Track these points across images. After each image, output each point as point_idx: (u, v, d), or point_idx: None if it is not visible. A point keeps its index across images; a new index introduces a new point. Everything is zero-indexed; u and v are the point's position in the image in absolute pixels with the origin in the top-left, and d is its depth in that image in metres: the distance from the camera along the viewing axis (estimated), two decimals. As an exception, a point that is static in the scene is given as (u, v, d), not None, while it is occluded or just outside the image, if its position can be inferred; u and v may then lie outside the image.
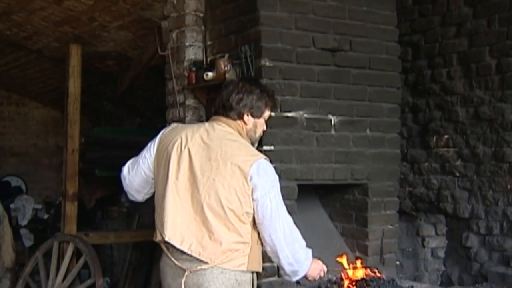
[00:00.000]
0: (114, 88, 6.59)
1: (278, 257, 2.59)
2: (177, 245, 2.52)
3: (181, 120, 4.23)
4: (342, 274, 3.48)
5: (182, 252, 2.52)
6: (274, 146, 3.71)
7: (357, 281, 3.44)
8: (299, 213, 3.89)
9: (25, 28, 5.59)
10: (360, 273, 3.46)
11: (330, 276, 3.85)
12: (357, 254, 4.10)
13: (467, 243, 4.55)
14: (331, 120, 3.91)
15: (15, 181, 8.46)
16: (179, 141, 2.58)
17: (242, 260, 2.52)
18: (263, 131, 2.71)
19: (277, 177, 2.58)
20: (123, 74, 6.17)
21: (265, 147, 3.67)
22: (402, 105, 4.37)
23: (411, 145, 4.86)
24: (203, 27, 4.19)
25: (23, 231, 6.91)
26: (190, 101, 4.20)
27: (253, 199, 2.50)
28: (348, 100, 3.97)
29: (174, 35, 4.26)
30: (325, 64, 3.89)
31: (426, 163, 4.75)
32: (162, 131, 2.73)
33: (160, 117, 4.80)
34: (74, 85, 5.38)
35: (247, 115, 2.61)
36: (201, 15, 4.18)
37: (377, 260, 4.09)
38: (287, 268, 2.62)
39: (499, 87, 4.27)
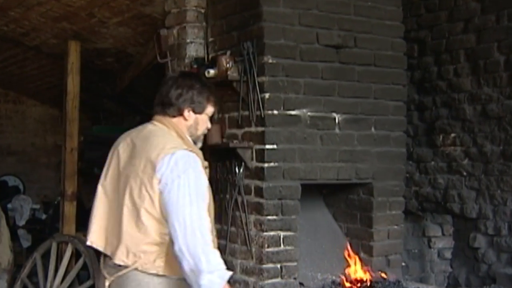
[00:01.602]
0: (113, 86, 6.61)
1: (178, 259, 2.28)
2: (101, 249, 2.47)
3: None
4: (345, 276, 3.51)
5: (109, 257, 2.45)
6: (277, 145, 3.72)
7: (362, 282, 3.45)
8: (303, 213, 3.91)
9: (22, 24, 5.61)
10: (363, 275, 3.48)
11: (333, 277, 3.87)
12: (362, 255, 4.12)
13: (475, 244, 4.55)
14: (335, 118, 3.92)
15: (12, 181, 8.49)
16: (115, 146, 2.56)
17: (158, 263, 2.35)
18: (207, 129, 2.60)
19: (193, 170, 2.33)
20: (122, 72, 6.19)
21: (267, 146, 3.69)
22: (408, 102, 4.38)
23: (417, 144, 4.87)
24: (204, 23, 4.20)
25: (20, 232, 6.94)
26: (191, 99, 4.21)
27: (160, 192, 2.32)
28: (353, 97, 3.98)
29: (175, 31, 4.28)
30: (329, 61, 3.90)
31: (433, 162, 4.76)
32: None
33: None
34: (72, 83, 5.41)
35: (188, 111, 2.50)
36: (203, 10, 4.20)
37: (382, 262, 4.10)
38: (190, 276, 2.27)
39: (508, 84, 4.28)
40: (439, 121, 4.72)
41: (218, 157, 4.05)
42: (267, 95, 3.69)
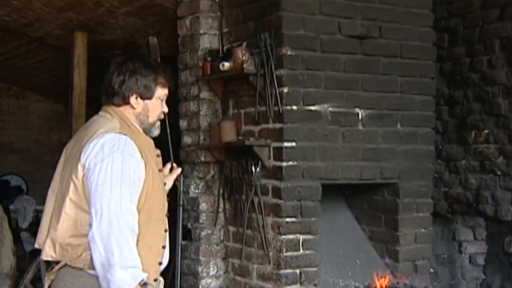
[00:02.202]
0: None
1: (90, 250, 2.21)
2: (40, 247, 2.38)
3: (195, 115, 4.31)
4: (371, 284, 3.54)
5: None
6: (296, 142, 3.76)
7: (387, 289, 3.48)
8: (323, 215, 3.94)
9: (25, 14, 5.69)
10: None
11: (356, 284, 3.90)
12: (387, 260, 4.14)
13: (510, 249, 4.55)
14: (358, 114, 3.95)
15: (14, 180, 8.59)
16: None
17: (85, 256, 2.26)
18: (164, 113, 2.51)
19: (120, 153, 2.26)
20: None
21: (286, 144, 3.73)
22: (437, 97, 4.39)
23: (447, 141, 4.87)
24: (219, 13, 4.24)
25: (23, 235, 7.02)
26: (205, 94, 4.26)
27: (84, 177, 2.27)
28: (377, 92, 4.00)
29: (187, 21, 4.33)
30: (352, 53, 3.92)
31: (464, 161, 4.76)
32: None
33: (172, 111, 4.86)
34: (79, 77, 5.50)
35: (135, 98, 2.42)
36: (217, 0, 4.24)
37: (409, 267, 4.12)
38: (99, 270, 2.20)
39: (546, 76, 4.27)
40: (471, 117, 4.71)
41: (233, 155, 4.10)
42: (285, 90, 3.73)
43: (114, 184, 2.23)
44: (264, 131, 3.87)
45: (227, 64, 3.94)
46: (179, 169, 2.76)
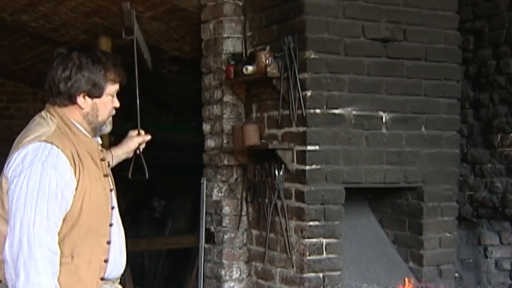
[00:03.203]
0: (146, 84, 6.73)
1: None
2: None
3: (219, 118, 4.33)
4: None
5: None
6: (319, 146, 3.75)
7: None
8: (347, 219, 3.94)
9: (52, 19, 5.77)
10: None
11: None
12: (411, 264, 4.12)
13: (537, 254, 4.50)
14: (382, 117, 3.93)
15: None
16: None
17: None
18: (115, 108, 2.31)
19: (41, 164, 2.07)
20: (155, 69, 6.30)
21: (309, 147, 3.73)
22: (462, 100, 4.35)
23: (472, 144, 4.83)
24: (242, 17, 4.26)
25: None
26: (228, 98, 4.28)
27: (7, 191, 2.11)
28: (402, 95, 3.98)
29: (211, 25, 4.36)
30: (376, 56, 3.91)
31: (489, 164, 4.71)
32: None
33: (195, 115, 4.90)
34: (103, 81, 5.53)
35: (83, 97, 2.18)
36: (241, 3, 4.26)
37: (434, 272, 4.09)
38: (8, 283, 2.08)
39: None
40: (496, 120, 4.66)
41: (256, 159, 4.11)
42: (309, 93, 3.73)
43: (28, 200, 2.04)
44: (288, 134, 3.87)
45: (250, 68, 3.95)
46: (148, 136, 2.64)
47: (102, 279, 2.23)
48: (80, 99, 2.20)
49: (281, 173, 3.87)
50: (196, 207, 4.78)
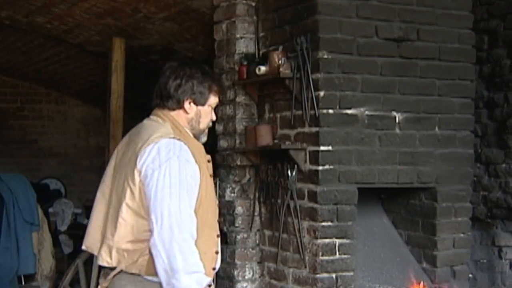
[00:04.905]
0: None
1: (153, 257, 2.23)
2: (95, 253, 2.42)
3: (231, 118, 4.33)
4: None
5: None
6: (332, 146, 3.74)
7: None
8: (359, 219, 3.92)
9: (66, 21, 5.81)
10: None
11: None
12: (424, 265, 4.10)
13: (551, 255, 4.46)
14: (395, 118, 3.91)
15: (54, 184, 8.74)
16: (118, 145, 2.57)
17: (141, 262, 2.28)
18: (212, 121, 2.54)
19: (177, 158, 2.26)
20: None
21: (322, 148, 3.72)
22: (476, 99, 4.33)
23: (486, 145, 4.79)
24: (255, 17, 4.27)
25: (62, 237, 7.13)
26: (241, 98, 4.28)
27: (142, 184, 2.27)
28: (415, 95, 3.96)
29: (224, 26, 4.36)
30: (389, 56, 3.90)
31: (504, 164, 4.68)
32: None
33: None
34: (117, 81, 5.57)
35: (189, 103, 2.43)
36: (253, 4, 4.26)
37: (447, 273, 4.07)
38: (162, 277, 2.21)
39: None
40: (511, 119, 4.63)
41: (269, 159, 4.11)
42: (321, 93, 3.73)
43: (173, 189, 2.23)
44: (300, 135, 3.86)
45: (263, 68, 3.95)
46: None
47: (213, 269, 2.43)
48: (186, 104, 2.43)
49: (293, 173, 3.87)
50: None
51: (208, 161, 2.45)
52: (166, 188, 2.23)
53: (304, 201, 3.84)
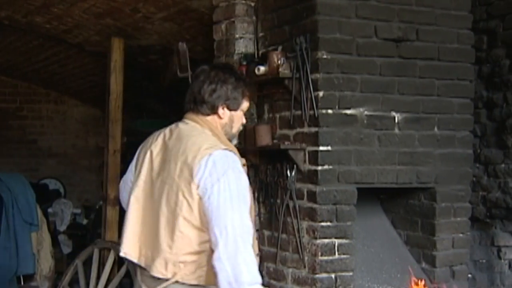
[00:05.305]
0: (157, 84, 6.76)
1: (216, 269, 2.26)
2: (135, 260, 2.45)
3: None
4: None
5: (144, 269, 2.44)
6: (331, 146, 3.75)
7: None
8: (359, 219, 3.92)
9: (65, 21, 5.81)
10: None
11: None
12: (423, 265, 4.10)
13: (551, 255, 4.46)
14: (394, 118, 3.92)
15: (53, 184, 8.75)
16: (146, 147, 2.53)
17: (199, 273, 2.34)
18: (242, 125, 2.59)
19: (232, 170, 2.31)
20: (166, 70, 6.32)
21: (321, 148, 3.72)
22: (475, 100, 4.33)
23: (485, 145, 4.80)
24: (254, 17, 4.27)
25: (61, 237, 7.14)
26: (240, 98, 4.28)
27: (200, 197, 2.30)
28: (414, 95, 3.97)
29: (223, 26, 4.36)
30: (389, 56, 3.90)
31: (503, 165, 4.68)
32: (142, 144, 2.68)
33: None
34: (116, 81, 5.56)
35: (222, 108, 2.47)
36: (253, 4, 4.26)
37: (446, 273, 4.07)
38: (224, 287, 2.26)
39: None
40: (510, 120, 4.63)
41: (268, 159, 4.11)
42: (321, 93, 3.73)
43: (234, 202, 2.27)
44: (299, 135, 3.86)
45: (262, 68, 3.95)
46: None
47: None
48: (220, 110, 2.47)
49: (293, 173, 3.87)
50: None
51: (244, 165, 2.46)
52: (227, 202, 2.26)
53: (303, 201, 3.84)
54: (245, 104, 2.53)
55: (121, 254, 2.47)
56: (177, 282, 2.34)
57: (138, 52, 6.14)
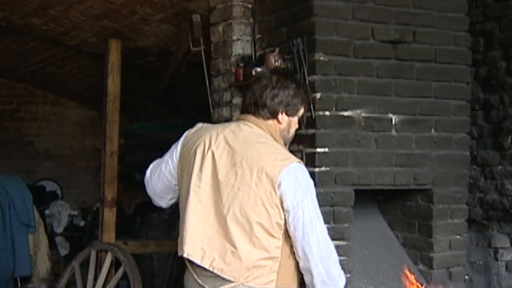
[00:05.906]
0: (155, 86, 6.76)
1: (311, 274, 2.55)
2: (198, 261, 2.51)
3: (228, 120, 4.32)
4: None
5: (205, 269, 2.52)
6: (328, 148, 3.75)
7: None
8: (356, 221, 3.92)
9: (62, 22, 5.81)
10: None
11: (390, 290, 3.87)
12: (421, 267, 4.10)
13: (547, 257, 4.47)
14: (391, 119, 3.92)
15: (50, 186, 8.75)
16: (202, 144, 2.54)
17: (270, 277, 2.49)
18: (296, 130, 2.72)
19: (311, 183, 2.55)
20: (164, 71, 6.33)
21: (318, 149, 3.72)
22: (472, 102, 4.33)
23: (482, 146, 4.81)
24: (251, 19, 4.27)
25: (58, 239, 7.14)
26: (237, 100, 4.28)
27: (283, 209, 2.47)
28: (411, 97, 3.97)
29: (220, 28, 4.36)
30: (386, 58, 3.90)
31: (500, 166, 4.69)
32: (185, 133, 2.72)
33: (204, 117, 4.88)
34: (113, 83, 5.55)
35: (282, 113, 2.57)
36: (250, 6, 4.26)
37: (443, 274, 4.07)
38: (319, 287, 2.57)
39: None
40: (507, 121, 4.64)
41: (265, 160, 4.10)
42: (318, 95, 3.73)
43: (318, 213, 2.55)
44: (297, 136, 3.82)
45: (259, 70, 3.94)
46: None
47: None
48: (280, 115, 2.58)
49: (290, 175, 3.86)
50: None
51: None
52: (314, 215, 2.51)
53: (300, 203, 3.83)
54: (302, 111, 2.66)
55: (184, 255, 2.54)
56: (241, 284, 2.47)
57: (135, 53, 6.14)
